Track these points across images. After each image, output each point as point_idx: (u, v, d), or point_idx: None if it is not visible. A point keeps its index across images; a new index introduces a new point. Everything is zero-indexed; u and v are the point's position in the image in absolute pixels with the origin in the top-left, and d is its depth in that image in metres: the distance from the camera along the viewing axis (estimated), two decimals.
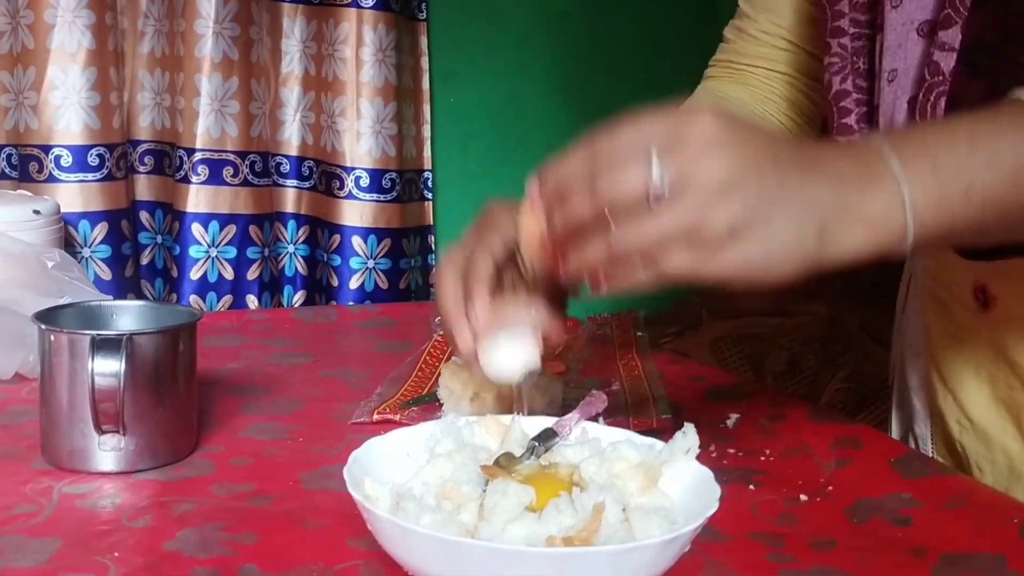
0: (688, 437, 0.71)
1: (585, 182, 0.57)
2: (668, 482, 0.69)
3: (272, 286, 1.88)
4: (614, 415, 0.95)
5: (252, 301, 1.83)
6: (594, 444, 0.72)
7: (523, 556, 0.56)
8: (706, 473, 0.68)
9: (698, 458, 0.70)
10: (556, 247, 0.60)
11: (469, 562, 0.56)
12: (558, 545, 0.58)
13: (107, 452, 0.79)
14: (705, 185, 0.54)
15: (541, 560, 0.56)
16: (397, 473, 0.70)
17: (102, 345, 0.76)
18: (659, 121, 0.55)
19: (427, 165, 1.99)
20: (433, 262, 2.04)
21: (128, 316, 0.88)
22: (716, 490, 0.65)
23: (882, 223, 0.56)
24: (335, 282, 1.89)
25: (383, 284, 1.91)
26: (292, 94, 1.86)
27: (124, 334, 0.77)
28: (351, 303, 1.87)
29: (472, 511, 0.62)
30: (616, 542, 0.60)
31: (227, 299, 1.81)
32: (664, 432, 0.77)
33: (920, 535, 0.73)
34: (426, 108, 1.97)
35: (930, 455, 0.96)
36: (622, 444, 0.71)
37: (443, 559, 0.57)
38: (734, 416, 0.98)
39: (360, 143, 1.84)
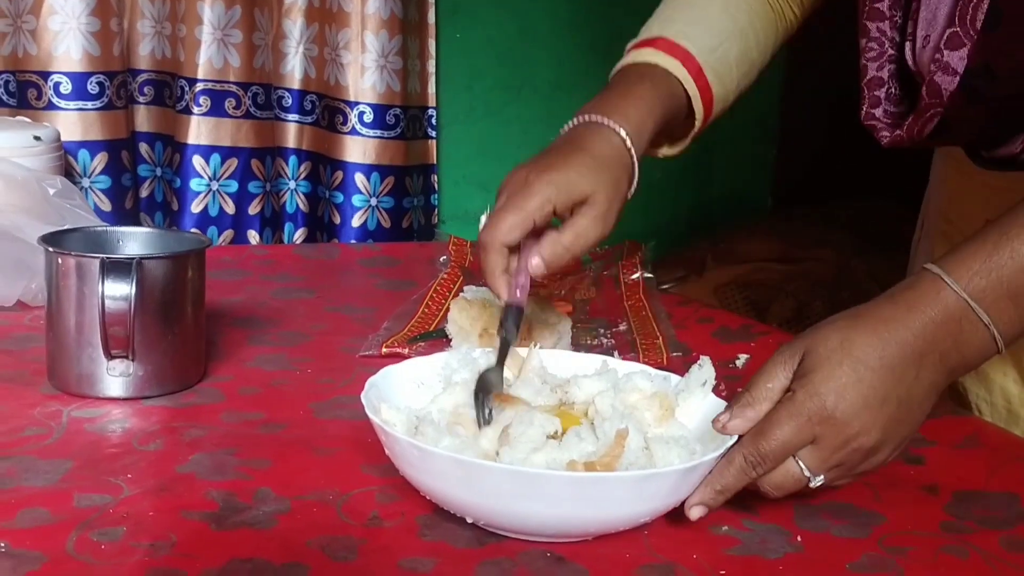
0: (704, 370, 0.71)
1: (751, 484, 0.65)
2: (684, 414, 0.69)
3: (273, 222, 1.86)
4: (624, 353, 0.95)
5: (253, 237, 1.81)
6: (610, 375, 0.71)
7: (545, 479, 0.55)
8: (722, 405, 0.68)
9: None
10: None
11: (490, 484, 0.56)
12: (579, 470, 0.58)
13: (115, 377, 0.78)
14: (852, 460, 0.64)
15: (563, 483, 0.56)
16: (412, 400, 0.69)
17: (112, 268, 0.75)
18: (795, 431, 0.62)
19: (432, 102, 1.96)
20: (436, 202, 2.01)
21: (135, 242, 0.87)
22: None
23: (982, 360, 0.67)
24: (337, 220, 1.87)
25: (385, 223, 1.89)
26: (295, 25, 1.82)
27: (134, 257, 0.76)
28: (353, 241, 1.85)
29: (491, 437, 0.62)
30: (637, 469, 0.60)
31: (228, 234, 1.78)
32: (674, 371, 0.77)
33: (932, 473, 0.73)
34: (432, 43, 1.93)
35: None
36: (636, 375, 0.71)
37: (464, 482, 0.56)
38: (743, 356, 0.98)
39: (364, 77, 1.81)
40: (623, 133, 0.79)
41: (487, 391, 0.68)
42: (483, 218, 0.79)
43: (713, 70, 0.87)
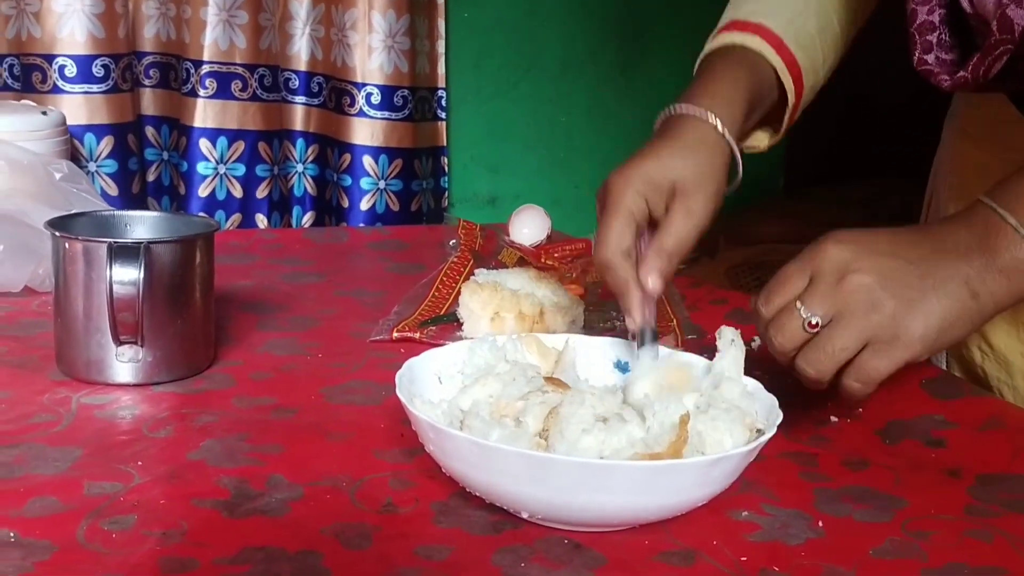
0: (736, 344, 0.69)
1: (768, 342, 0.67)
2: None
3: (281, 206, 1.84)
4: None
5: (261, 220, 1.80)
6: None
7: (622, 470, 0.54)
8: (753, 384, 0.67)
9: None
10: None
11: (556, 477, 0.54)
12: (644, 459, 0.57)
13: (125, 363, 0.77)
14: (856, 308, 0.62)
15: (638, 473, 0.54)
16: (436, 393, 0.68)
17: (120, 253, 0.74)
18: (796, 268, 0.65)
19: (441, 83, 1.94)
20: (446, 184, 2.00)
21: (143, 226, 0.86)
22: (770, 398, 0.66)
23: (1015, 268, 0.64)
24: (345, 203, 1.85)
25: (394, 206, 1.87)
26: (301, 6, 1.80)
27: (142, 242, 0.75)
28: (362, 224, 1.84)
29: (536, 416, 0.60)
30: (692, 451, 0.59)
31: (236, 218, 1.77)
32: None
33: (954, 456, 0.72)
34: (441, 23, 1.91)
35: None
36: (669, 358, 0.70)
37: (528, 475, 0.54)
38: (758, 339, 0.97)
39: (371, 58, 1.79)
40: (711, 118, 0.77)
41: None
42: (592, 238, 0.77)
43: (795, 42, 0.85)
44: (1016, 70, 0.74)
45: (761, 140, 0.89)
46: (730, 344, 0.69)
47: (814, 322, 0.63)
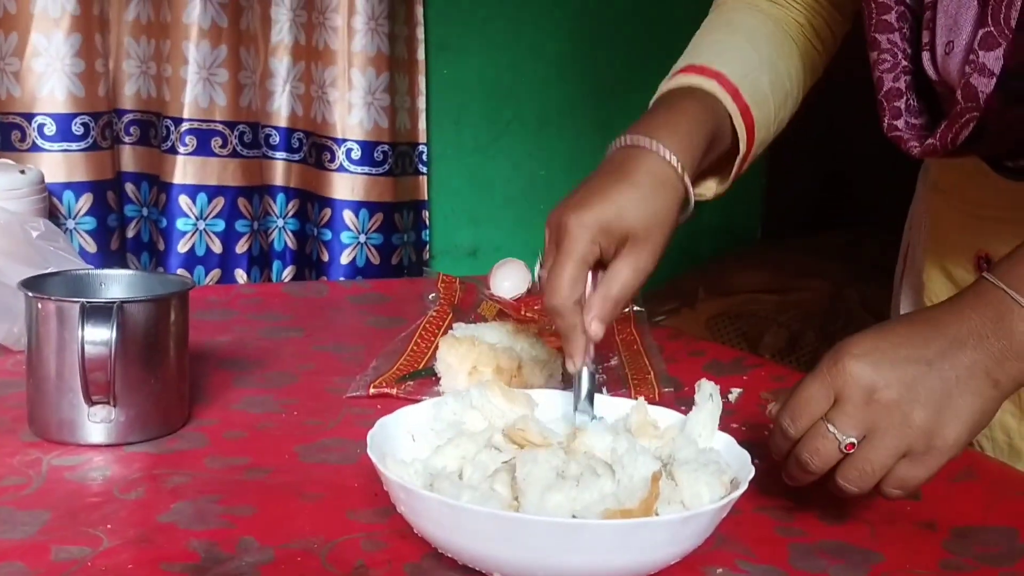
0: (714, 400, 0.70)
1: (795, 461, 0.66)
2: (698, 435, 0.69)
3: (261, 260, 1.85)
4: (615, 390, 0.94)
5: (241, 276, 1.80)
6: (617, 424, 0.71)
7: (585, 529, 0.54)
8: (726, 439, 0.68)
9: None
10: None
11: (527, 537, 0.54)
12: (615, 516, 0.56)
13: (97, 424, 0.77)
14: (888, 426, 0.63)
15: (605, 532, 0.54)
16: (409, 452, 0.68)
17: (92, 313, 0.74)
18: (819, 387, 0.64)
19: (422, 138, 1.96)
20: (427, 238, 2.01)
21: (117, 285, 0.86)
22: (743, 453, 0.66)
23: None
24: (326, 257, 1.86)
25: (375, 259, 1.88)
26: (282, 64, 1.82)
27: (115, 301, 0.75)
28: (342, 278, 1.84)
29: (504, 482, 0.60)
30: (667, 503, 0.59)
31: (215, 273, 1.77)
32: (666, 406, 0.76)
33: (929, 509, 0.72)
34: (421, 80, 1.94)
35: None
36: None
37: (499, 536, 0.54)
38: (736, 391, 0.97)
39: (351, 114, 1.81)
40: (668, 155, 0.76)
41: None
42: (537, 268, 0.78)
43: (750, 95, 0.85)
44: (983, 136, 0.75)
45: (708, 189, 0.89)
46: (708, 399, 0.69)
47: (849, 441, 0.63)
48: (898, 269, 1.07)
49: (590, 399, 0.74)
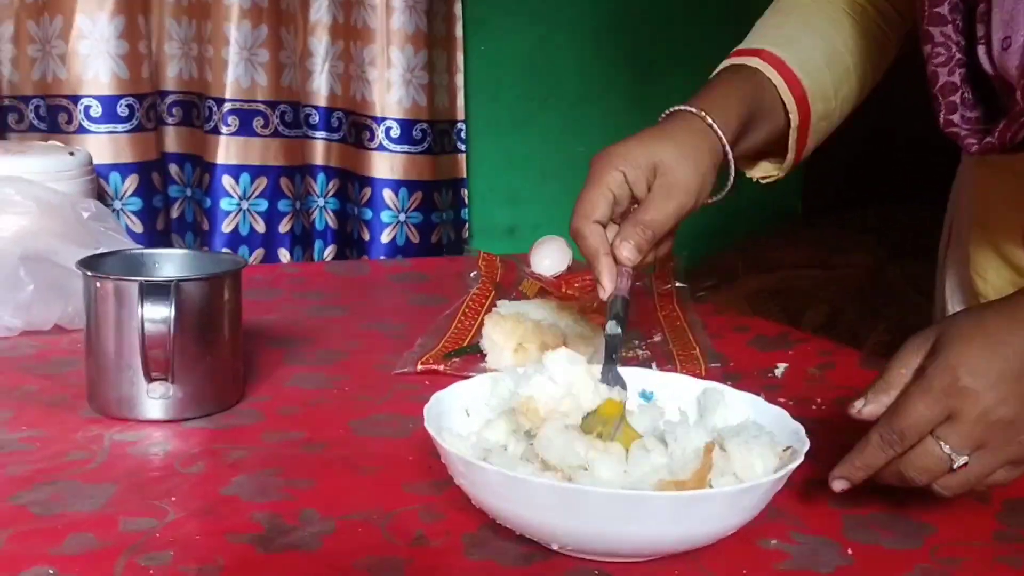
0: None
1: (894, 472, 0.64)
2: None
3: (303, 240, 1.86)
4: (661, 366, 0.94)
5: (284, 255, 1.81)
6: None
7: (643, 500, 0.55)
8: (779, 411, 0.68)
9: None
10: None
11: (585, 508, 0.54)
12: (669, 487, 0.57)
13: (156, 400, 0.78)
14: (1000, 441, 0.62)
15: (663, 504, 0.55)
16: (464, 425, 0.69)
17: (151, 291, 0.76)
18: (931, 404, 0.62)
19: (460, 116, 1.95)
20: (466, 216, 2.01)
21: (171, 264, 0.87)
22: (796, 426, 0.65)
23: None
24: (366, 236, 1.87)
25: (415, 238, 1.89)
26: (321, 43, 1.83)
27: (172, 280, 0.77)
28: (383, 257, 1.85)
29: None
30: (720, 474, 0.59)
31: (259, 253, 1.79)
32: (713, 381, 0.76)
33: None
34: (459, 57, 1.93)
35: None
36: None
37: (558, 506, 0.55)
38: (782, 366, 0.97)
39: (390, 93, 1.81)
40: (701, 112, 0.80)
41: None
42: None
43: (799, 66, 0.86)
44: None
45: (771, 170, 0.90)
46: (721, 399, 0.69)
47: (963, 462, 0.62)
48: (942, 243, 1.06)
49: (618, 319, 0.74)
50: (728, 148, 0.81)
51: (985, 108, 0.80)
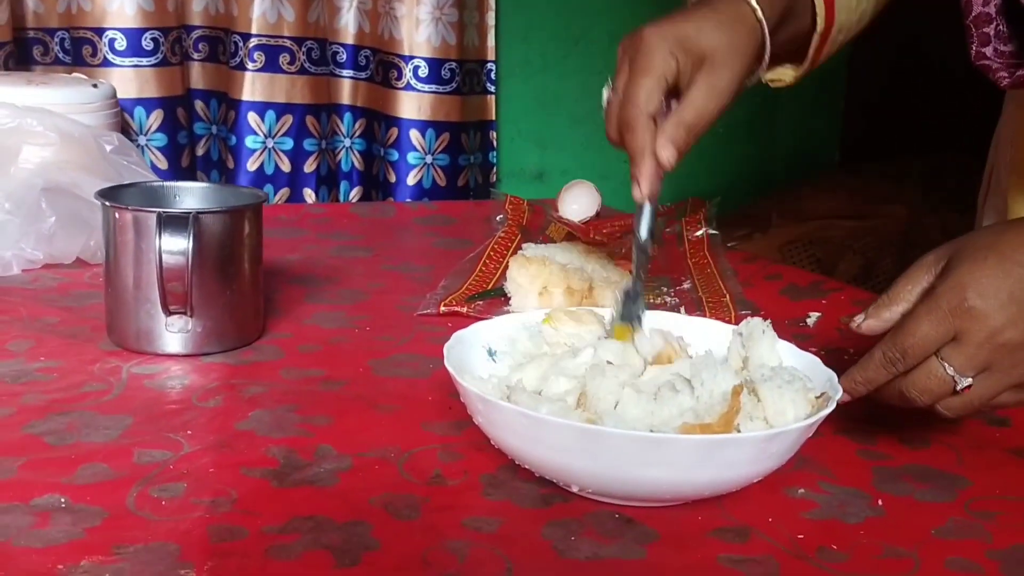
0: (768, 334, 0.67)
1: (896, 391, 0.62)
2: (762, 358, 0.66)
3: (329, 180, 1.84)
4: (690, 312, 0.92)
5: (309, 195, 1.80)
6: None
7: (666, 443, 0.53)
8: (811, 359, 0.65)
9: None
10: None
11: (607, 450, 0.53)
12: (694, 431, 0.55)
13: (174, 334, 0.77)
14: (1005, 364, 0.59)
15: (691, 447, 0.53)
16: (485, 367, 0.67)
17: (169, 223, 0.74)
18: (937, 324, 0.59)
19: (490, 56, 1.91)
20: (494, 159, 1.98)
21: (192, 197, 0.86)
22: (828, 373, 0.63)
23: None
24: (392, 178, 1.85)
25: (441, 181, 1.86)
26: None
27: (191, 212, 0.75)
28: (408, 199, 1.83)
29: (577, 396, 0.60)
30: (747, 419, 0.58)
31: (284, 192, 1.77)
32: None
33: (1019, 435, 0.70)
34: None
35: None
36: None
37: (578, 448, 0.53)
38: (814, 315, 0.95)
39: (419, 31, 1.77)
40: (753, 1, 0.73)
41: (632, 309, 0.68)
42: (605, 92, 0.74)
43: None
44: None
45: (786, 74, 0.85)
46: (761, 335, 0.66)
47: (967, 384, 0.60)
48: (981, 191, 1.03)
49: (651, 233, 0.71)
50: (768, 41, 0.74)
51: (1019, 43, 0.77)
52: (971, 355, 0.59)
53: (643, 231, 0.71)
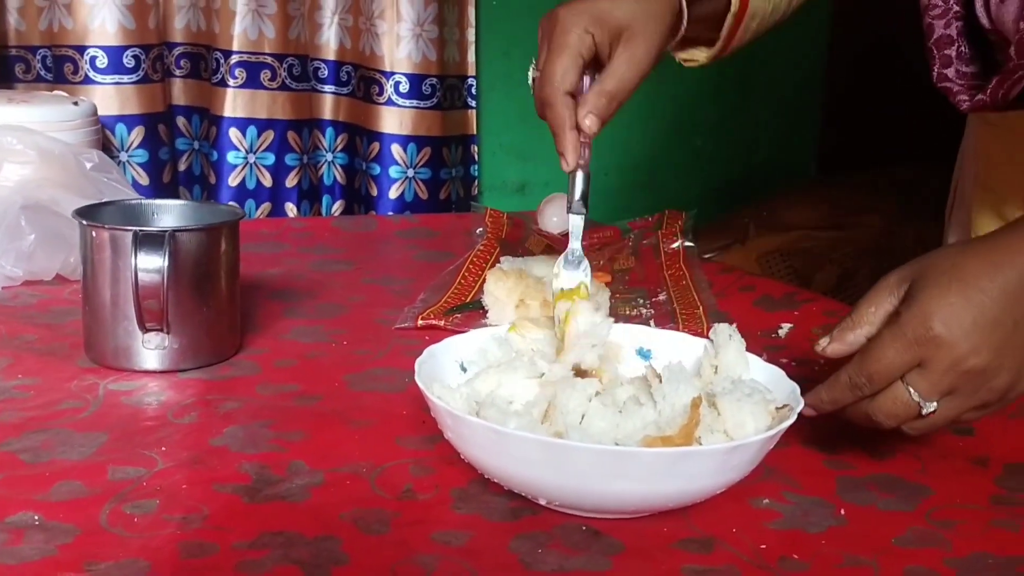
0: (735, 339, 0.69)
1: (862, 413, 0.63)
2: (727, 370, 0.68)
3: (311, 194, 1.85)
4: (662, 324, 0.93)
5: (291, 210, 1.80)
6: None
7: (631, 456, 0.54)
8: (775, 371, 0.66)
9: None
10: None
11: (573, 463, 0.54)
12: (656, 444, 0.56)
13: (151, 350, 0.78)
14: (971, 389, 0.61)
15: (651, 460, 0.54)
16: (456, 379, 0.68)
17: (145, 241, 0.75)
18: (902, 350, 0.60)
19: (471, 71, 1.92)
20: (476, 173, 1.99)
21: (169, 214, 0.87)
22: (791, 385, 0.64)
23: None
24: (374, 191, 1.86)
25: (423, 194, 1.87)
26: None
27: (167, 230, 0.76)
28: (391, 213, 1.84)
29: (544, 409, 0.60)
30: (710, 432, 0.59)
31: (266, 207, 1.78)
32: None
33: (983, 444, 0.71)
34: (471, 11, 1.90)
35: None
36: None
37: (545, 462, 0.54)
38: (786, 326, 0.96)
39: (400, 47, 1.79)
40: None
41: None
42: (530, 72, 0.76)
43: None
44: None
45: (699, 55, 0.87)
46: (728, 340, 0.68)
47: (932, 410, 0.61)
48: (948, 205, 1.05)
49: (584, 200, 0.74)
50: (685, 10, 0.77)
51: (982, 64, 0.78)
52: (936, 381, 0.60)
53: (576, 196, 0.74)
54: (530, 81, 0.76)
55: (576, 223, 0.75)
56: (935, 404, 0.61)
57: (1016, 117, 0.86)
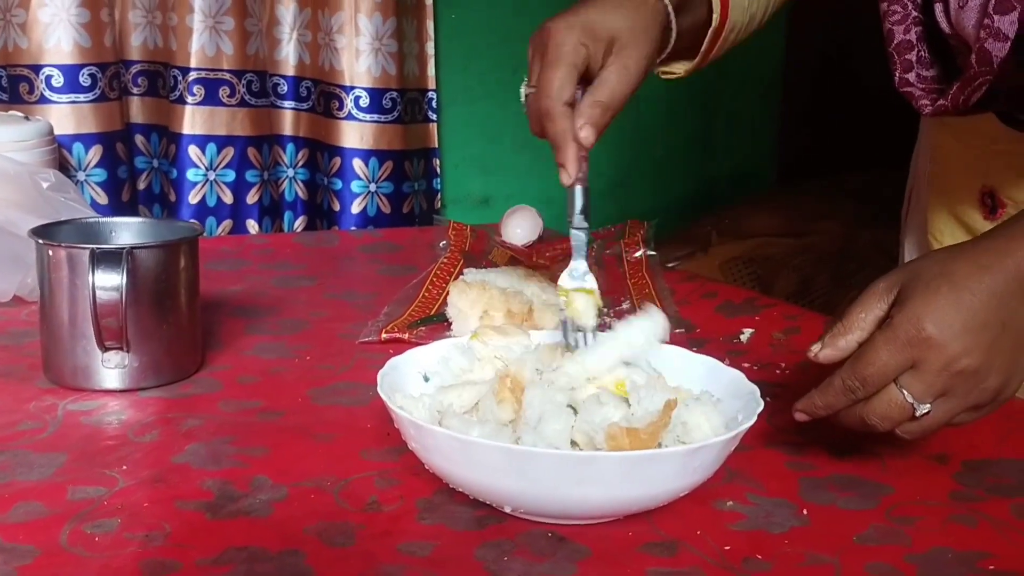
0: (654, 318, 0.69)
1: (856, 417, 0.64)
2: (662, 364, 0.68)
3: (272, 211, 1.84)
4: None
5: (252, 226, 1.79)
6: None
7: (594, 461, 0.54)
8: (735, 374, 0.67)
9: None
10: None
11: (535, 469, 0.54)
12: (620, 434, 0.56)
13: (111, 369, 0.77)
14: (963, 390, 0.62)
15: (613, 464, 0.54)
16: (419, 390, 0.68)
17: (102, 258, 0.74)
18: (895, 353, 0.61)
19: (431, 85, 1.93)
20: (438, 186, 1.99)
21: (127, 232, 0.86)
22: (751, 387, 0.65)
23: None
24: (336, 206, 1.85)
25: (386, 208, 1.87)
26: (288, 11, 1.79)
27: (124, 247, 0.75)
28: (353, 228, 1.84)
29: (506, 412, 0.61)
30: (674, 441, 0.59)
31: (227, 224, 1.77)
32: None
33: (941, 442, 0.72)
34: (430, 25, 1.90)
35: None
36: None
37: (508, 469, 0.55)
38: (748, 331, 0.97)
39: (359, 61, 1.78)
40: None
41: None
42: (523, 90, 0.76)
43: None
44: (996, 98, 0.74)
45: (679, 67, 0.88)
46: (644, 318, 0.69)
47: (925, 411, 0.62)
48: (904, 208, 1.06)
49: (585, 213, 0.73)
50: (673, 17, 0.77)
51: (942, 68, 0.80)
52: (930, 383, 0.61)
53: (577, 209, 0.73)
54: (522, 98, 0.76)
55: (579, 238, 0.74)
56: (929, 406, 0.62)
57: (972, 121, 0.88)
